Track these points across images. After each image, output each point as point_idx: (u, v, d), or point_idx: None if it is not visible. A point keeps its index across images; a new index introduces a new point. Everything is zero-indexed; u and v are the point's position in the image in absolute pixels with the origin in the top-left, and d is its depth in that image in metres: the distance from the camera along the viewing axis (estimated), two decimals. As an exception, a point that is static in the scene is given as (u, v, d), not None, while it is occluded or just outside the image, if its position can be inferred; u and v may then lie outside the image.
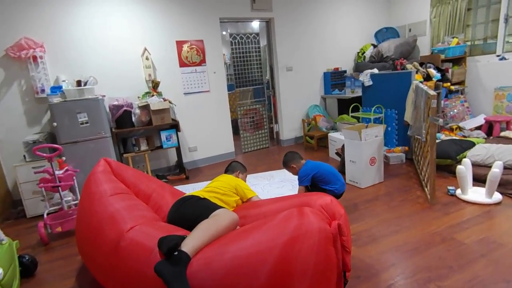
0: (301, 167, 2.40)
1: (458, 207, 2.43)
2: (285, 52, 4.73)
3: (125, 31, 3.62)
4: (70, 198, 2.78)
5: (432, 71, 4.00)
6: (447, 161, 3.03)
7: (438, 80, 4.04)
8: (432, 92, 2.34)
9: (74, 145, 3.05)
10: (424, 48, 4.94)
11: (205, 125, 4.28)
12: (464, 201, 2.50)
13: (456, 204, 2.47)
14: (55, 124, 2.96)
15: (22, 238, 2.57)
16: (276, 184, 3.24)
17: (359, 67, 4.94)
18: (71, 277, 2.01)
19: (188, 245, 1.29)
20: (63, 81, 3.24)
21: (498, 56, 4.17)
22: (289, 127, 5.00)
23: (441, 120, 2.28)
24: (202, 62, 4.11)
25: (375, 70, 4.11)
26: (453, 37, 4.37)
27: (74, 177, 2.65)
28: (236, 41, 4.58)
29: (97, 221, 1.72)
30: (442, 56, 4.33)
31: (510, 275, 1.65)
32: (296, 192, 2.87)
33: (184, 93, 4.07)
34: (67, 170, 2.62)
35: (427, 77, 3.98)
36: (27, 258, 2.03)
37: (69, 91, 3.06)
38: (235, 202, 2.02)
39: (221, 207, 1.68)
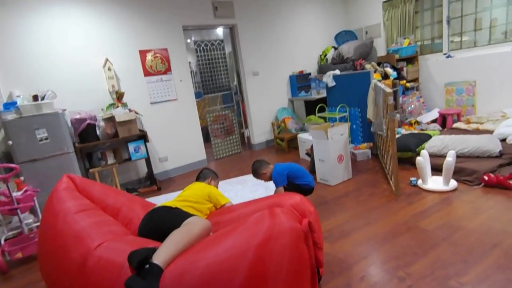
0: (271, 171, 2.46)
1: (420, 196, 2.59)
2: (251, 57, 4.80)
3: (84, 42, 3.48)
4: (31, 220, 2.59)
5: (389, 70, 4.26)
6: (408, 153, 3.23)
7: (395, 78, 4.32)
8: (388, 90, 2.50)
9: (33, 163, 2.86)
10: (380, 49, 5.25)
11: (174, 134, 4.21)
12: (425, 190, 2.67)
13: (418, 194, 2.63)
14: (10, 142, 2.75)
15: (-24, 269, 2.35)
16: (249, 188, 3.25)
17: (322, 69, 5.13)
18: (35, 305, 1.88)
19: (160, 257, 1.26)
20: (18, 96, 3.03)
21: (444, 54, 4.55)
22: (260, 131, 5.06)
23: (398, 115, 2.43)
24: (168, 70, 4.06)
25: (337, 71, 4.29)
26: (404, 38, 4.70)
27: (35, 198, 2.49)
28: (201, 48, 4.57)
29: (61, 242, 1.62)
30: (397, 56, 4.63)
31: (467, 255, 1.79)
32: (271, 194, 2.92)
33: (151, 103, 3.98)
34: (26, 191, 2.45)
35: (385, 76, 4.24)
36: (-17, 290, 1.87)
37: (24, 106, 2.87)
38: (209, 210, 2.00)
39: (193, 215, 1.66)
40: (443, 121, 4.31)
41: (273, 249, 1.34)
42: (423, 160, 2.64)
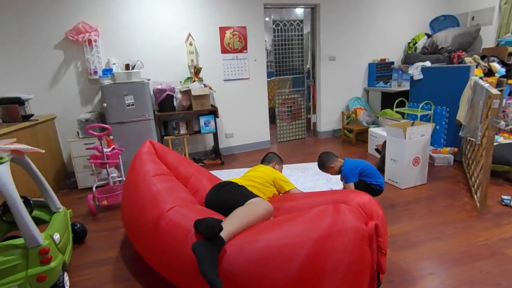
0: (340, 165, 2.34)
1: (513, 219, 2.21)
2: (329, 40, 4.54)
3: (171, 17, 3.71)
4: (115, 174, 2.99)
5: (496, 66, 3.59)
6: (504, 167, 2.75)
7: (502, 76, 3.63)
8: (494, 91, 2.11)
9: (121, 125, 3.25)
10: (488, 39, 4.44)
11: (242, 113, 4.32)
12: (520, 213, 2.26)
13: (510, 216, 2.24)
14: (105, 104, 3.17)
15: (73, 207, 2.84)
16: (310, 177, 3.19)
17: (408, 59, 4.60)
18: (115, 247, 2.19)
19: (224, 230, 1.33)
20: (114, 64, 3.44)
21: None
22: (327, 119, 4.86)
23: (503, 122, 2.05)
24: (244, 49, 4.10)
25: (427, 63, 3.79)
26: (525, 27, 3.87)
27: (120, 156, 2.84)
28: (279, 28, 4.48)
29: (140, 199, 1.84)
30: (510, 49, 3.86)
31: None
32: (332, 187, 2.82)
33: (224, 80, 4.11)
34: (114, 149, 2.82)
35: (489, 72, 3.59)
36: (78, 226, 2.24)
37: (118, 74, 3.24)
38: (272, 193, 2.02)
39: (257, 196, 1.69)
40: (558, 134, 3.52)
41: (333, 245, 1.30)
42: (525, 178, 2.21)
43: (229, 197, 1.73)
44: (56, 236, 1.75)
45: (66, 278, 1.75)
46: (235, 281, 1.28)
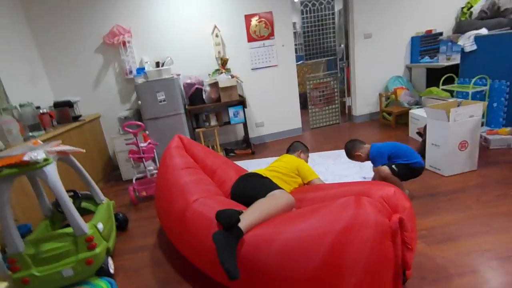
0: (367, 151, 2.24)
1: None
2: (364, 15, 4.20)
3: (196, 11, 3.76)
4: (152, 167, 3.19)
5: None
6: None
7: None
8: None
9: (155, 121, 3.43)
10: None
11: (272, 101, 4.26)
12: None
13: None
14: (140, 102, 3.37)
15: (118, 198, 3.11)
16: (342, 165, 3.06)
17: (461, 27, 4.03)
18: (153, 235, 2.37)
19: (243, 222, 1.35)
20: (146, 62, 3.61)
21: None
22: (364, 101, 4.57)
23: None
24: (271, 35, 4.00)
25: (483, 31, 3.31)
26: None
27: (155, 150, 3.02)
28: (308, 8, 4.27)
29: (169, 191, 1.96)
30: None
31: None
32: (364, 175, 2.69)
33: (252, 69, 4.08)
34: (149, 143, 3.00)
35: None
36: (121, 215, 2.46)
37: (150, 72, 3.40)
38: (297, 183, 1.99)
39: (280, 187, 1.68)
40: None
41: (353, 240, 1.25)
42: None
43: (252, 189, 1.74)
44: (100, 225, 1.93)
45: (111, 261, 1.95)
46: (254, 271, 1.31)
